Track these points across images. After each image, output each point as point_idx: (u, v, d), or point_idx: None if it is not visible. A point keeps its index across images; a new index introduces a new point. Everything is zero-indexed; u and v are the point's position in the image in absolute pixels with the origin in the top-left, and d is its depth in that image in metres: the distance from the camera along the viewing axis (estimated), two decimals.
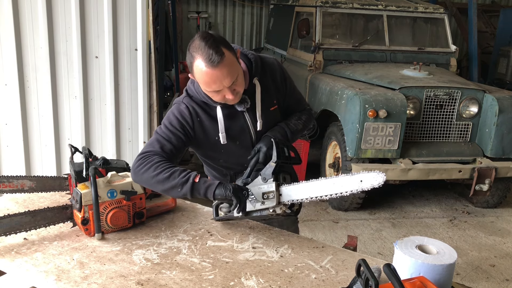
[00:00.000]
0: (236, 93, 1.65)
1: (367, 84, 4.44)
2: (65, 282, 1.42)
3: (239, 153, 1.86)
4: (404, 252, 1.37)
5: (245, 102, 1.77)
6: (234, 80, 1.61)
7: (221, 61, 1.54)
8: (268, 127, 1.86)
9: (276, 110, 1.89)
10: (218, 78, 1.57)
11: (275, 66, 1.89)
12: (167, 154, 1.70)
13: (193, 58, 1.58)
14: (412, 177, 4.08)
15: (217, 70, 1.54)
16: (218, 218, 1.83)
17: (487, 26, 9.19)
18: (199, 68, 1.56)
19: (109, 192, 1.70)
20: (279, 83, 1.88)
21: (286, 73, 1.93)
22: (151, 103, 3.46)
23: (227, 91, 1.62)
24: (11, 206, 1.95)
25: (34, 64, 3.20)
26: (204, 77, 1.57)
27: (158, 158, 1.66)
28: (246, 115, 1.82)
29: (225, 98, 1.66)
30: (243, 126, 1.82)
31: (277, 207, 1.64)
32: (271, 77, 1.86)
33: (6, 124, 3.26)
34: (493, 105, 4.17)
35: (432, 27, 5.56)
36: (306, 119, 2.00)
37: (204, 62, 1.54)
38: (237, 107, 1.78)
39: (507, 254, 3.84)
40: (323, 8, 5.17)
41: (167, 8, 6.96)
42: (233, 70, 1.59)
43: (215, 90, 1.61)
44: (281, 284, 1.45)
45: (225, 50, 1.56)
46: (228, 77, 1.58)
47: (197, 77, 1.61)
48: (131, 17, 3.29)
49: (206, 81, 1.58)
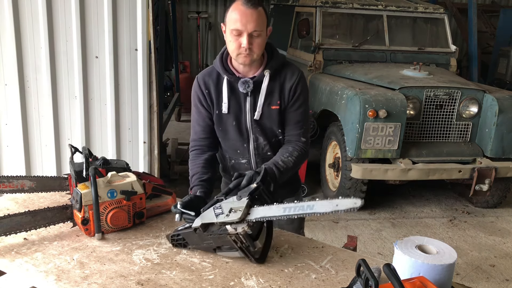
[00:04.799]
0: (250, 47, 1.75)
1: (367, 84, 4.44)
2: (65, 282, 1.42)
3: (234, 136, 1.95)
4: (404, 252, 1.37)
5: (247, 84, 1.86)
6: (256, 30, 1.74)
7: (255, 7, 1.73)
8: (265, 122, 1.91)
9: (277, 111, 1.91)
10: (245, 17, 1.72)
11: (295, 74, 1.91)
12: (204, 134, 1.96)
13: (234, 1, 1.77)
14: (412, 177, 4.08)
15: (249, 10, 1.72)
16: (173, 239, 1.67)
17: (487, 26, 9.20)
18: (235, 6, 1.75)
19: (109, 192, 1.70)
20: (288, 88, 1.90)
21: (303, 88, 1.91)
22: (151, 103, 3.46)
23: (245, 37, 1.74)
24: (11, 206, 1.95)
25: (34, 64, 3.20)
26: (234, 12, 1.74)
27: (192, 155, 1.96)
28: (247, 98, 1.90)
29: (240, 48, 1.76)
30: (242, 107, 1.91)
31: (239, 225, 1.47)
32: (284, 79, 1.90)
33: (6, 124, 3.26)
34: (493, 105, 4.17)
35: (432, 27, 5.56)
36: (298, 156, 1.89)
37: (242, 2, 1.74)
38: (240, 88, 1.87)
39: (507, 254, 3.84)
40: (323, 8, 5.17)
41: (167, 8, 6.96)
42: (260, 24, 1.74)
43: (238, 28, 1.73)
44: (281, 284, 1.45)
45: (262, 8, 1.77)
46: (253, 22, 1.73)
47: (229, 15, 1.76)
48: (131, 17, 3.28)
49: (235, 18, 1.73)
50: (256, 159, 1.99)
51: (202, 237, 1.55)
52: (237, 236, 1.47)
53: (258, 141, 1.96)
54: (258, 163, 1.98)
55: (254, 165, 2.00)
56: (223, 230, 1.50)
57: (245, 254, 1.51)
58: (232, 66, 1.90)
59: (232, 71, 1.89)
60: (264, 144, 1.96)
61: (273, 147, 1.97)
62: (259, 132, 1.94)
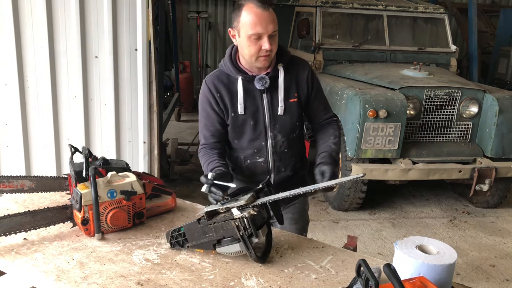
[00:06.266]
0: (271, 48, 1.75)
1: (367, 84, 4.44)
2: (65, 282, 1.42)
3: (251, 136, 1.94)
4: (404, 252, 1.37)
5: (264, 80, 1.86)
6: (275, 31, 1.75)
7: (270, 7, 1.73)
8: (286, 117, 1.93)
9: (296, 103, 1.94)
10: (265, 20, 1.71)
11: (306, 65, 1.99)
12: (213, 138, 1.94)
13: (243, 5, 1.74)
14: (412, 177, 4.08)
15: (266, 12, 1.71)
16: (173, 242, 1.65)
17: (487, 26, 9.20)
18: (249, 9, 1.72)
19: (109, 192, 1.70)
20: (304, 80, 1.94)
21: (315, 76, 2.00)
22: (151, 103, 3.46)
23: (266, 39, 1.74)
24: (11, 206, 1.95)
25: (34, 64, 3.20)
26: (252, 17, 1.71)
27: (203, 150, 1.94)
28: (264, 96, 1.90)
29: (261, 50, 1.76)
30: (259, 106, 1.90)
31: (245, 210, 1.49)
32: (298, 71, 1.94)
33: (6, 124, 3.26)
34: (493, 105, 4.17)
35: (432, 27, 5.56)
36: (339, 134, 2.04)
37: (256, 5, 1.71)
38: (256, 85, 1.86)
39: (507, 254, 3.84)
40: (323, 8, 5.17)
41: (167, 8, 6.96)
42: (276, 23, 1.75)
43: (258, 32, 1.72)
44: (281, 284, 1.45)
45: (272, 6, 1.76)
46: (272, 23, 1.73)
47: (244, 20, 1.73)
48: (131, 17, 3.28)
49: (254, 21, 1.71)
50: (274, 157, 1.99)
51: (204, 229, 1.55)
52: (241, 220, 1.47)
53: (276, 138, 1.96)
54: (275, 161, 1.99)
55: (271, 163, 1.99)
56: (228, 216, 1.51)
57: (246, 246, 1.49)
58: (243, 66, 1.90)
59: (245, 70, 1.89)
60: (282, 141, 1.97)
61: (290, 144, 1.99)
62: (278, 129, 1.95)
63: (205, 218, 1.55)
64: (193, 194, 4.61)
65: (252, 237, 1.48)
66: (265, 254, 1.58)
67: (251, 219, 1.47)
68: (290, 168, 2.04)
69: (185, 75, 8.65)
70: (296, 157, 2.06)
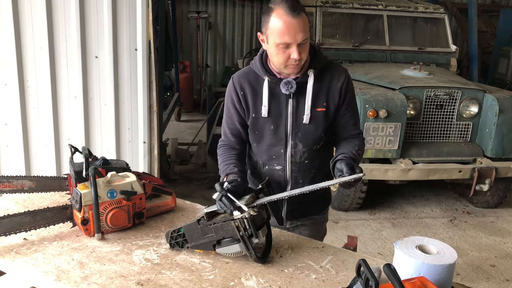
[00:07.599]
0: (300, 57, 1.66)
1: (367, 84, 4.44)
2: (65, 282, 1.42)
3: (270, 141, 1.86)
4: (404, 252, 1.37)
5: (290, 84, 1.76)
6: (305, 39, 1.64)
7: (301, 14, 1.61)
8: (311, 126, 1.82)
9: (323, 113, 1.82)
10: (294, 29, 1.61)
11: (342, 73, 1.85)
12: (233, 137, 1.91)
13: (272, 9, 1.64)
14: (412, 177, 4.08)
15: (296, 20, 1.60)
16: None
17: (487, 26, 9.20)
18: (279, 16, 1.61)
19: (109, 192, 1.70)
20: (337, 89, 1.82)
21: (351, 87, 1.88)
22: (151, 103, 3.46)
23: (295, 49, 1.64)
24: (11, 206, 1.95)
25: (34, 64, 3.20)
26: (281, 25, 1.61)
27: (222, 149, 1.91)
28: (290, 101, 1.80)
29: (289, 59, 1.67)
30: (282, 111, 1.81)
31: (245, 211, 1.49)
32: (331, 79, 1.82)
33: (6, 124, 3.25)
34: (493, 105, 4.17)
35: (432, 27, 5.55)
36: (363, 149, 1.89)
37: (285, 11, 1.60)
38: (282, 88, 1.77)
39: (507, 254, 3.84)
40: (323, 8, 5.17)
41: (167, 8, 6.96)
42: (307, 30, 1.64)
43: (286, 42, 1.63)
44: (281, 284, 1.45)
45: (304, 12, 1.64)
46: (302, 32, 1.62)
47: (273, 26, 1.64)
48: (131, 17, 3.28)
49: (282, 30, 1.62)
50: (292, 167, 1.88)
51: (204, 229, 1.55)
52: (241, 221, 1.47)
53: (297, 147, 1.85)
54: (293, 171, 1.89)
55: (289, 173, 1.89)
56: (228, 216, 1.51)
57: (246, 247, 1.49)
58: (272, 68, 1.81)
59: (274, 72, 1.80)
60: (302, 151, 1.86)
61: (312, 156, 1.88)
62: (300, 138, 1.84)
63: (205, 219, 1.55)
64: (193, 194, 4.61)
65: (252, 238, 1.48)
66: (265, 254, 1.58)
67: (251, 219, 1.47)
68: (309, 181, 1.90)
69: (185, 75, 8.64)
70: (317, 170, 1.92)
